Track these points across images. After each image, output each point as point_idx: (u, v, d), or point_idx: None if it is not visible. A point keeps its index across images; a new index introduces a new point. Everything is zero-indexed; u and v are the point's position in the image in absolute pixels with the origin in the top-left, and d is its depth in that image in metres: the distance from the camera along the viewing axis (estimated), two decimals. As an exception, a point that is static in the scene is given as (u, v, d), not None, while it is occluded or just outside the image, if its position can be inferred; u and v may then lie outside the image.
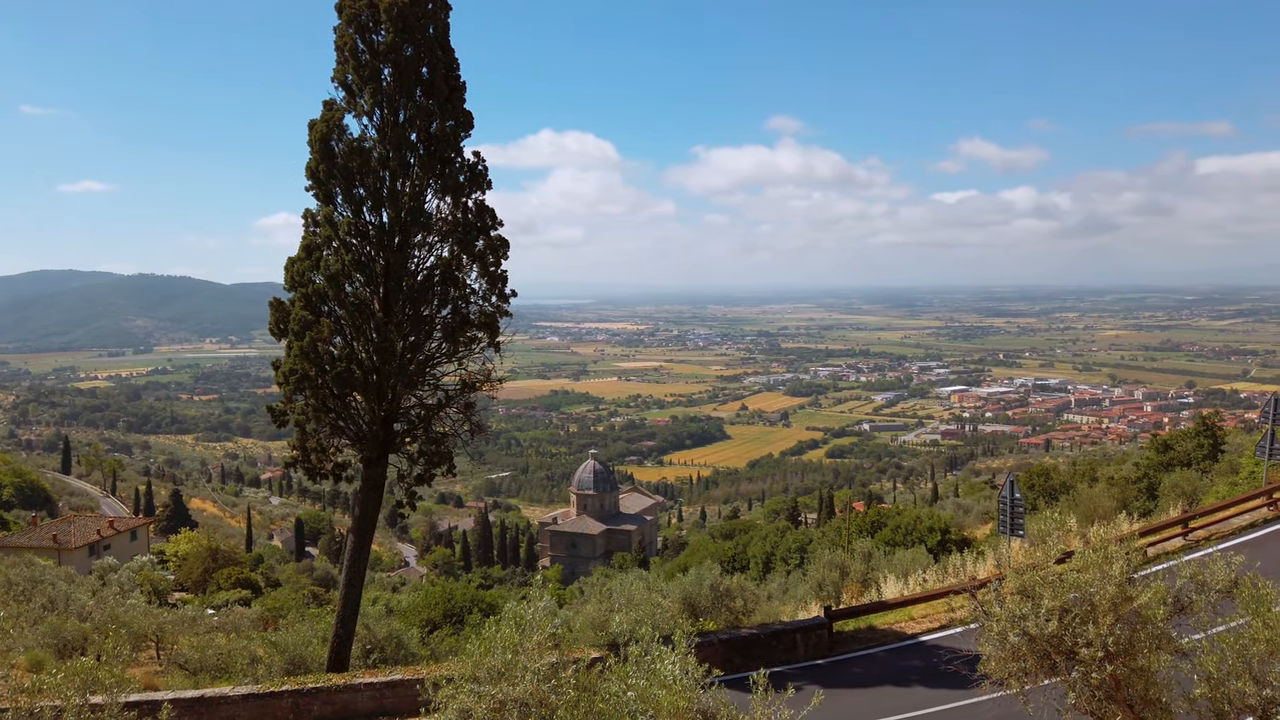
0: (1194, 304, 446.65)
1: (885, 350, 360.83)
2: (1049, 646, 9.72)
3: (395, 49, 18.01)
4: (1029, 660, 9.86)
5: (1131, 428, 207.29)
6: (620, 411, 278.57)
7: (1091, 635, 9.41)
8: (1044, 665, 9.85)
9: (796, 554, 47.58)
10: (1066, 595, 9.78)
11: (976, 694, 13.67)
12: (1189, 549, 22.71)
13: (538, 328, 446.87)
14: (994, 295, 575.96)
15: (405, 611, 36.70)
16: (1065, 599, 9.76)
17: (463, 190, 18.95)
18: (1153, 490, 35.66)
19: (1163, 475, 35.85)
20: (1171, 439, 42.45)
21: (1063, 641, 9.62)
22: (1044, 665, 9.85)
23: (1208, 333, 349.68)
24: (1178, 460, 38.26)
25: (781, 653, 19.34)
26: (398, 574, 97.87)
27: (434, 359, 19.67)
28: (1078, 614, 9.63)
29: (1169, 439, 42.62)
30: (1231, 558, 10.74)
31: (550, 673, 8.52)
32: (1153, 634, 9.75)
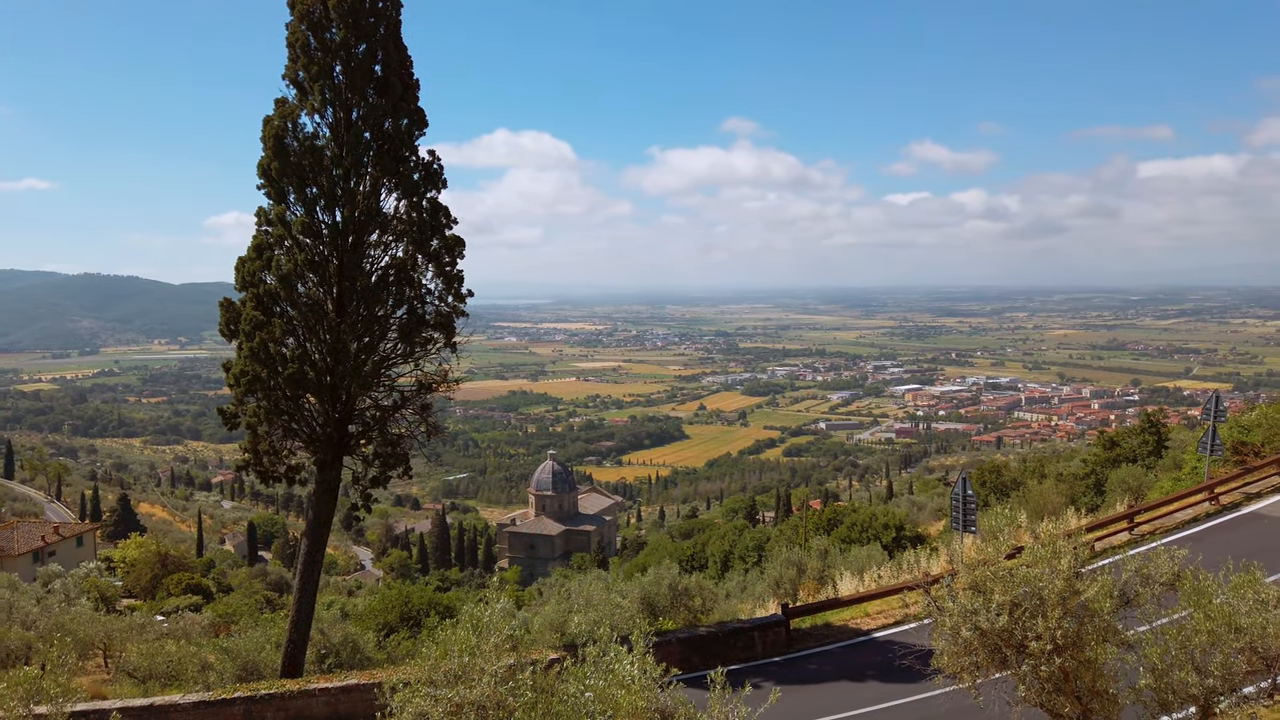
0: (1139, 304, 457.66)
1: (841, 350, 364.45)
2: (1000, 640, 9.90)
3: (347, 46, 17.80)
4: (980, 654, 10.03)
5: (1079, 425, 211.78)
6: (579, 412, 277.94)
7: (1041, 629, 9.60)
8: (995, 659, 10.03)
9: (754, 552, 47.88)
10: (1017, 590, 9.95)
11: (930, 688, 13.88)
12: (1134, 543, 23.26)
13: (495, 328, 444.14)
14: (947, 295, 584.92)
15: (361, 615, 36.25)
16: (1015, 593, 9.93)
17: (417, 189, 18.79)
18: (1100, 486, 36.48)
19: (1109, 471, 36.70)
20: (1118, 436, 43.48)
21: (1013, 635, 9.79)
22: (995, 659, 10.03)
23: (1152, 332, 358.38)
24: (1124, 457, 39.18)
25: (739, 651, 19.46)
26: (353, 577, 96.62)
27: (389, 360, 19.47)
28: (1027, 608, 9.81)
29: (1115, 436, 43.65)
30: (1175, 551, 11.01)
31: (508, 675, 8.48)
32: (1099, 627, 9.96)
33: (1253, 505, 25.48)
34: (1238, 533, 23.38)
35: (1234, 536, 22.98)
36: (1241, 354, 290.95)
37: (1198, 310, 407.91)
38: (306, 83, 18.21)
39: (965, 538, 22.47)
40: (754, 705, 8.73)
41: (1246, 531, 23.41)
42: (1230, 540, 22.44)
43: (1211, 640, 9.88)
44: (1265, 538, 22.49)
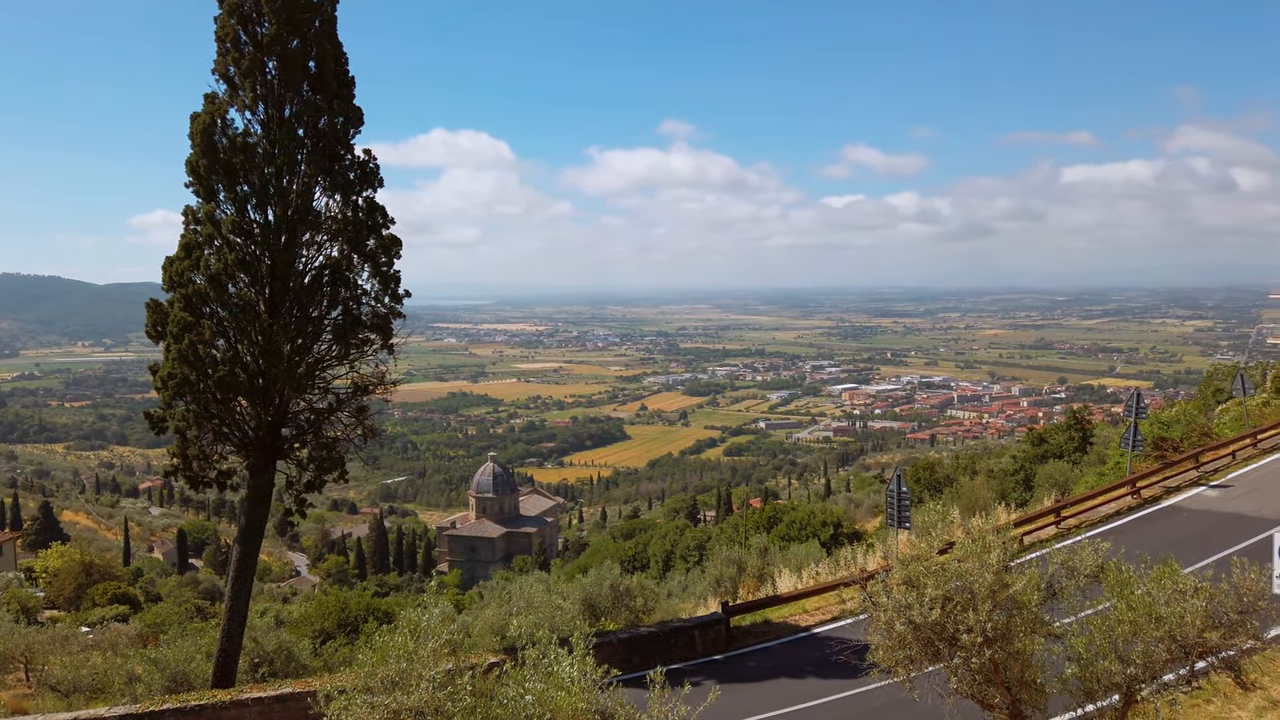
0: (1065, 305, 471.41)
1: (780, 350, 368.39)
2: (933, 634, 10.12)
3: (280, 41, 17.43)
4: (914, 648, 10.24)
5: (1009, 422, 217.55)
6: (520, 413, 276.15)
7: (971, 622, 9.84)
8: (928, 652, 10.25)
9: (696, 551, 48.19)
10: (949, 584, 10.19)
11: (866, 683, 14.11)
12: (1061, 537, 23.96)
13: (435, 329, 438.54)
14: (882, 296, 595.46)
15: (296, 622, 35.52)
16: (947, 588, 10.17)
17: (353, 188, 18.49)
18: (1028, 481, 37.55)
19: (1037, 467, 37.81)
20: (1045, 433, 44.81)
21: (945, 629, 10.02)
22: (928, 652, 10.25)
23: (1077, 331, 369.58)
24: (1051, 453, 40.40)
25: (680, 650, 19.55)
26: (288, 584, 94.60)
27: (324, 362, 19.12)
28: (959, 602, 10.05)
29: (1043, 433, 44.98)
30: (1098, 544, 11.37)
31: (446, 680, 8.40)
32: (1028, 619, 10.25)
33: (1172, 499, 26.47)
34: (1158, 525, 24.27)
35: (1155, 529, 23.85)
36: (1162, 353, 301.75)
37: (1120, 311, 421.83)
38: (237, 78, 17.79)
39: (900, 534, 22.93)
40: (694, 704, 8.79)
41: (1166, 524, 24.31)
42: (1151, 533, 23.29)
43: (1133, 630, 10.23)
44: (1183, 530, 23.39)
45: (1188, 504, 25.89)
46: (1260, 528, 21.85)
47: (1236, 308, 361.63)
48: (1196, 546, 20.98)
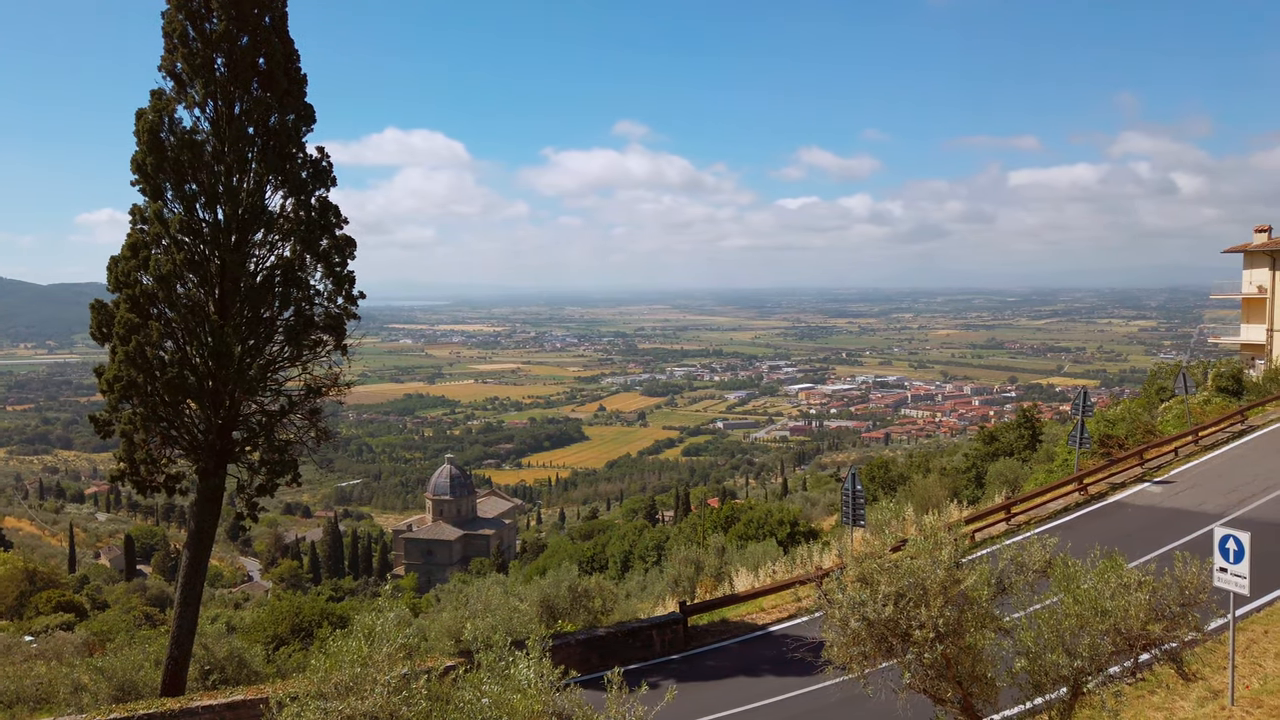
0: (1015, 305, 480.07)
1: (737, 350, 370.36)
2: (886, 630, 10.26)
3: (229, 37, 17.14)
4: (868, 644, 10.37)
5: (961, 421, 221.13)
6: (477, 414, 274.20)
7: (924, 618, 9.99)
8: (882, 648, 10.39)
9: (654, 551, 48.25)
10: (901, 581, 10.33)
11: (822, 679, 14.25)
12: (1011, 533, 24.44)
13: (390, 330, 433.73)
14: (837, 297, 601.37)
15: (249, 628, 35.00)
16: (900, 584, 10.31)
17: (305, 187, 18.24)
18: (980, 479, 38.20)
19: (989, 465, 38.48)
20: (996, 431, 45.63)
21: (898, 625, 10.16)
22: (882, 648, 10.39)
23: (1027, 331, 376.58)
24: (1002, 450, 41.13)
25: (638, 650, 19.58)
26: (240, 589, 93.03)
27: (276, 363, 18.84)
28: (911, 598, 10.19)
29: (994, 431, 45.81)
30: (1047, 540, 11.62)
31: (401, 684, 8.32)
32: (978, 614, 10.44)
33: (1118, 495, 27.12)
34: (1104, 521, 24.85)
35: (1101, 524, 24.42)
36: (1108, 352, 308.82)
37: (1068, 311, 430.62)
38: (185, 74, 17.47)
39: (855, 532, 23.19)
40: (651, 704, 8.81)
41: (1112, 520, 24.91)
42: (1098, 528, 23.84)
43: (1080, 623, 10.46)
44: (1128, 525, 23.98)
45: (1132, 500, 26.54)
46: (1201, 522, 22.49)
47: (1179, 308, 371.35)
48: (1141, 541, 21.51)
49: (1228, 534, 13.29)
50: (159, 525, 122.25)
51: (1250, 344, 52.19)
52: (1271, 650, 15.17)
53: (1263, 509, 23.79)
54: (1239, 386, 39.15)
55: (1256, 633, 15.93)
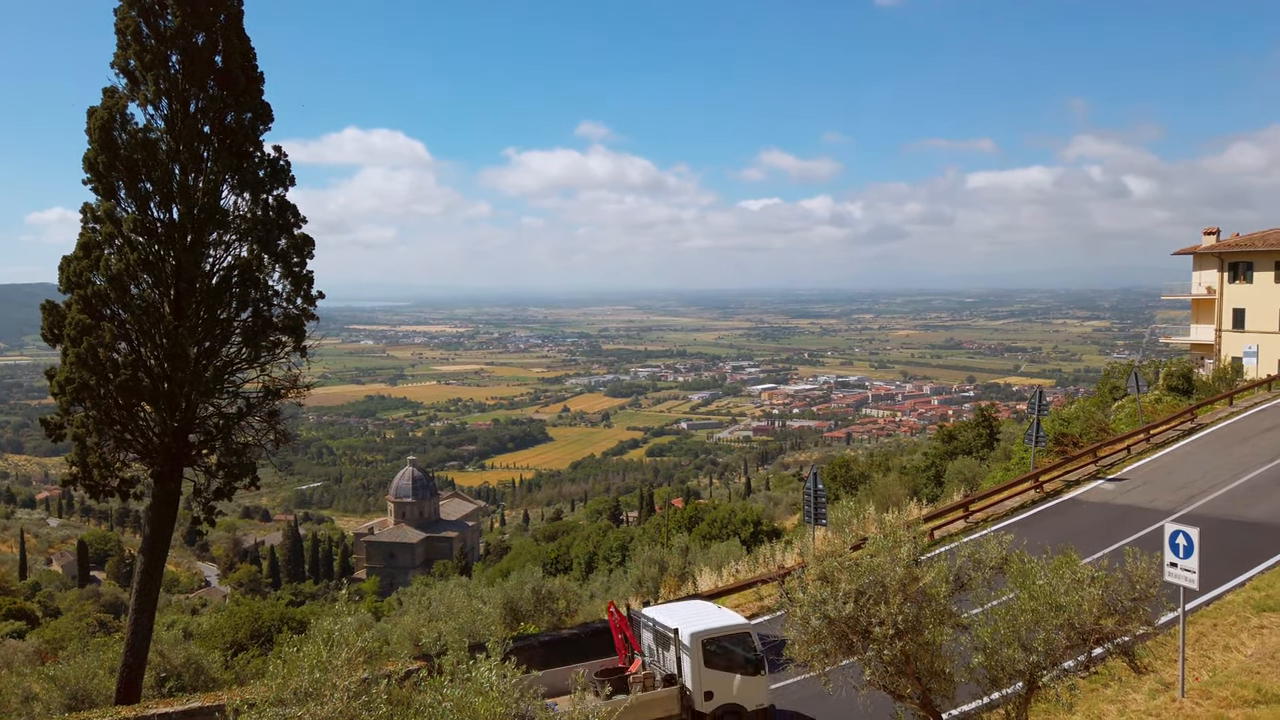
0: (973, 306, 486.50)
1: (701, 351, 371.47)
2: (846, 627, 10.36)
3: (184, 35, 16.86)
4: (829, 642, 10.47)
5: (921, 420, 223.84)
6: (440, 416, 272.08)
7: (883, 615, 10.11)
8: (842, 645, 10.49)
9: (618, 552, 48.25)
10: (862, 579, 10.45)
11: (783, 677, 14.39)
12: (970, 530, 24.79)
13: (351, 331, 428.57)
14: (799, 298, 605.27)
15: (206, 635, 34.48)
16: (861, 582, 10.42)
17: (263, 186, 18.00)
18: (939, 477, 38.69)
19: (948, 463, 38.98)
20: (955, 430, 46.26)
21: (858, 622, 10.27)
22: (842, 645, 10.49)
23: (985, 332, 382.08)
24: (960, 449, 41.68)
25: (603, 651, 19.56)
26: (198, 595, 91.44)
27: (233, 365, 18.56)
28: (871, 595, 10.31)
29: (953, 430, 46.44)
30: (1003, 537, 11.81)
31: (361, 689, 8.24)
32: (937, 610, 10.59)
33: (1072, 492, 27.63)
34: (1060, 517, 25.31)
35: (1056, 521, 24.87)
36: (1063, 352, 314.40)
37: (1024, 311, 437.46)
38: (139, 72, 17.15)
39: (817, 530, 23.38)
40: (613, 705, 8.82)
41: (1067, 516, 25.37)
42: (1053, 525, 24.28)
43: (1035, 619, 10.65)
44: (1082, 521, 24.44)
45: (1086, 497, 27.05)
46: (1152, 519, 22.99)
47: (1132, 308, 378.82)
48: (1094, 537, 21.95)
49: (1178, 530, 13.60)
50: (113, 530, 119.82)
51: (1200, 344, 53.47)
52: (1220, 643, 15.55)
53: (1211, 505, 24.38)
54: (1189, 385, 40.10)
55: (1206, 626, 16.33)
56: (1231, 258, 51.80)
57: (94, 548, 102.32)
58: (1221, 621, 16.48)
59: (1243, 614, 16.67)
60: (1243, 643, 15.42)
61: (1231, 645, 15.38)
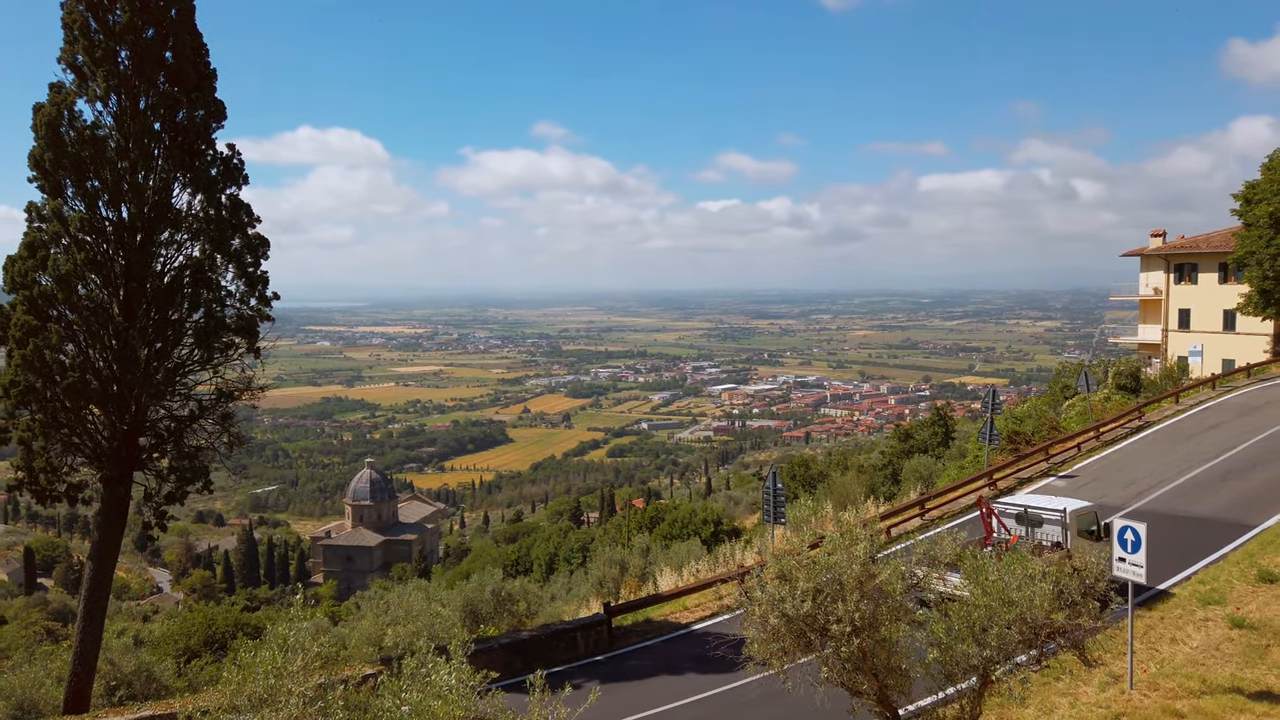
0: (928, 306, 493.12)
1: (661, 351, 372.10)
2: (804, 625, 10.46)
3: (134, 30, 16.53)
4: (787, 640, 10.57)
5: (878, 419, 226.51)
6: (398, 418, 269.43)
7: (841, 612, 10.22)
8: (800, 643, 10.59)
9: (579, 553, 48.23)
10: (819, 577, 10.56)
11: (743, 676, 14.49)
12: (926, 528, 25.14)
13: (307, 332, 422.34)
14: (758, 299, 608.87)
15: (158, 642, 33.83)
16: (818, 580, 10.53)
17: (215, 185, 17.71)
18: (896, 475, 39.21)
19: (904, 462, 39.51)
20: (911, 429, 46.89)
21: (816, 620, 10.38)
22: (800, 643, 10.59)
23: (940, 332, 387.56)
24: (916, 447, 42.28)
25: (563, 652, 19.54)
26: (149, 601, 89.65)
27: (185, 367, 18.23)
28: (829, 593, 10.42)
29: (909, 429, 47.06)
30: (958, 534, 12.03)
31: (318, 694, 8.15)
32: (893, 607, 10.73)
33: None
34: (1013, 514, 25.72)
35: (1010, 518, 25.27)
36: (1016, 352, 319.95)
37: (979, 312, 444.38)
38: (87, 67, 16.78)
39: (776, 529, 23.57)
40: (574, 706, 8.82)
41: (1020, 513, 25.79)
42: (1007, 521, 24.66)
43: (988, 614, 10.85)
44: (1035, 518, 24.87)
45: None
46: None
47: (1082, 309, 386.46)
48: (1047, 533, 22.35)
49: (1126, 525, 13.92)
50: (61, 536, 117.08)
51: (1147, 343, 54.79)
52: (1167, 636, 15.95)
53: (1158, 501, 24.99)
54: (1137, 384, 41.05)
55: (1153, 619, 16.73)
56: (1177, 259, 53.17)
57: (41, 554, 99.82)
58: (1168, 615, 16.90)
59: (1189, 607, 17.12)
60: (1189, 635, 15.83)
61: (1178, 638, 15.78)
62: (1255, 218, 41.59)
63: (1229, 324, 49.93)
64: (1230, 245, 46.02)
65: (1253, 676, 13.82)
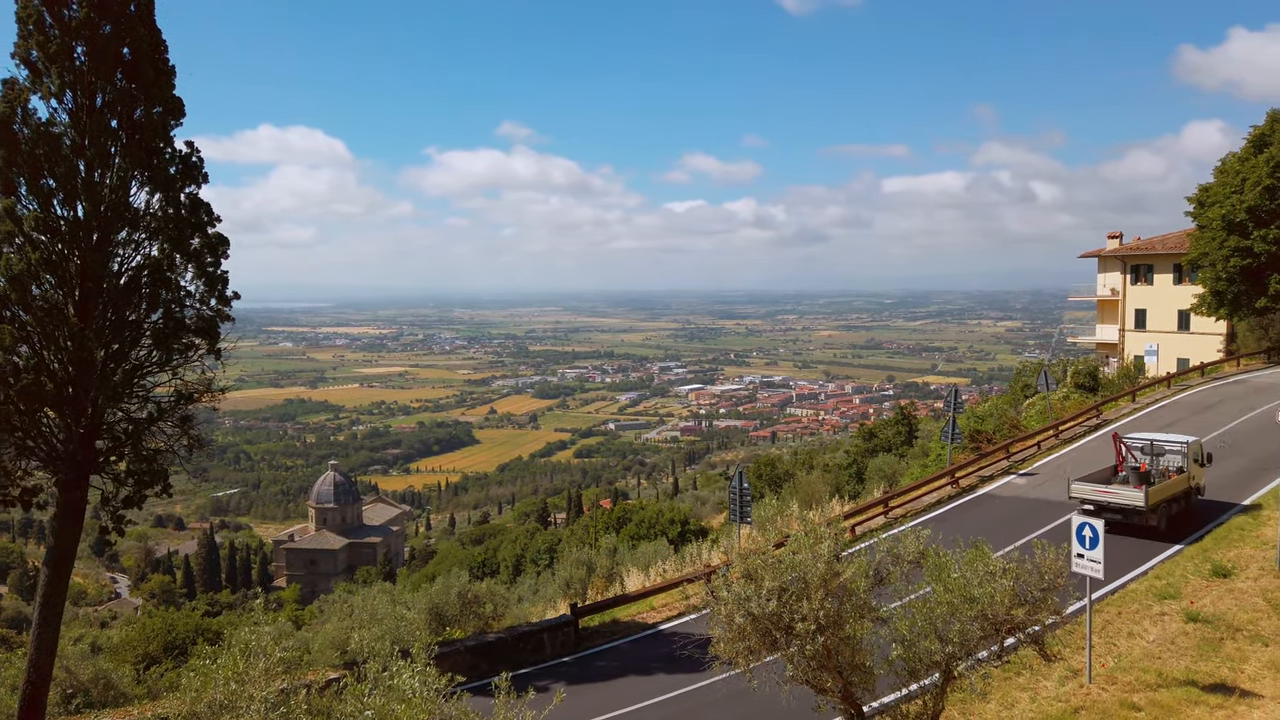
0: (892, 307, 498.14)
1: (628, 352, 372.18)
2: (770, 624, 10.53)
3: (90, 25, 16.19)
4: (753, 638, 10.63)
5: (843, 419, 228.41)
6: (363, 419, 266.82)
7: (806, 610, 10.30)
8: (766, 642, 10.66)
9: (546, 554, 48.14)
10: (785, 575, 10.63)
11: (710, 675, 14.54)
12: (889, 526, 25.41)
13: (269, 333, 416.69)
14: (724, 299, 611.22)
15: (117, 648, 33.22)
16: (784, 579, 10.61)
17: (174, 183, 17.40)
18: (860, 474, 39.58)
19: (869, 461, 39.89)
20: (875, 428, 47.34)
21: (781, 618, 10.45)
22: (766, 642, 10.66)
23: (903, 332, 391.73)
24: (880, 447, 42.70)
25: (529, 654, 19.49)
26: (107, 607, 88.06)
27: (143, 368, 17.88)
28: (794, 592, 10.50)
29: (873, 428, 47.51)
30: (921, 532, 12.14)
31: (280, 699, 8.06)
32: (857, 605, 10.84)
33: (987, 487, 28.54)
34: (974, 512, 26.12)
35: (972, 515, 25.65)
36: (978, 351, 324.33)
37: (941, 312, 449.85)
38: (42, 63, 16.40)
39: (742, 529, 23.68)
40: (539, 708, 8.80)
41: (982, 510, 26.21)
42: (968, 519, 25.03)
43: (951, 611, 10.99)
44: (995, 515, 25.27)
45: (999, 491, 27.98)
46: (1061, 511, 23.89)
47: (1041, 309, 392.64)
48: (1006, 530, 22.72)
49: (1084, 522, 14.18)
50: (15, 542, 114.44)
51: (1105, 343, 55.80)
52: (1125, 630, 16.26)
53: (1116, 497, 25.42)
54: (1095, 383, 41.80)
55: (1111, 614, 17.05)
56: (1133, 261, 54.22)
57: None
58: (1126, 609, 17.23)
59: (1145, 602, 17.47)
60: (1145, 629, 16.15)
61: (1135, 632, 16.09)
62: (1208, 220, 42.55)
63: (1184, 324, 51.03)
64: (1185, 247, 47.05)
65: (1207, 669, 14.14)
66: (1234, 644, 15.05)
